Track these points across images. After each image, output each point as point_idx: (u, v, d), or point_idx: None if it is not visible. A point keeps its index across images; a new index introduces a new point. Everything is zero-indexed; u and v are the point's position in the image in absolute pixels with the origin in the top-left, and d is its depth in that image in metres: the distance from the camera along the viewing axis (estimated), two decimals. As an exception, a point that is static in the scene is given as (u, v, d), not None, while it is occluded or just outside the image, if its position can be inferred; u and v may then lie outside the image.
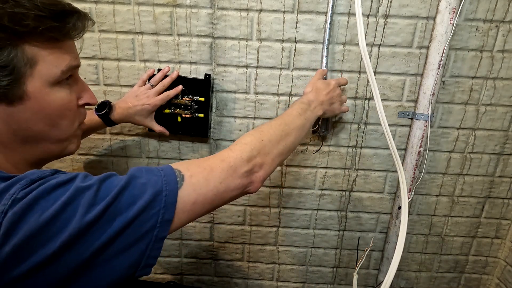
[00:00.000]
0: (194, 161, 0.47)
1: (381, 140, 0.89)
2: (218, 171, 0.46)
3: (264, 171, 0.52)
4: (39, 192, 0.34)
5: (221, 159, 0.48)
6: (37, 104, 0.41)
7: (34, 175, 0.36)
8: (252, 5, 0.79)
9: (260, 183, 0.52)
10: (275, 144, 0.55)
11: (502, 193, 0.93)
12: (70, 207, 0.34)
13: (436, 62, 0.78)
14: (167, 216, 0.39)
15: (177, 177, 0.42)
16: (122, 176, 0.40)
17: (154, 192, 0.39)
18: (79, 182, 0.37)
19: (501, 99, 0.85)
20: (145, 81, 0.80)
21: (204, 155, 0.91)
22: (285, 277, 1.03)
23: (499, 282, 0.99)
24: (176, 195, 0.41)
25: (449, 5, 0.74)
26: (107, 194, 0.36)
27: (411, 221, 0.96)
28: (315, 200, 0.95)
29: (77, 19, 0.43)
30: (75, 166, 0.93)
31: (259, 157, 0.52)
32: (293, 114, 0.62)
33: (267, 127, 0.57)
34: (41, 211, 0.33)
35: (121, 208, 0.36)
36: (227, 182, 0.47)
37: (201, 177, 0.44)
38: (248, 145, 0.52)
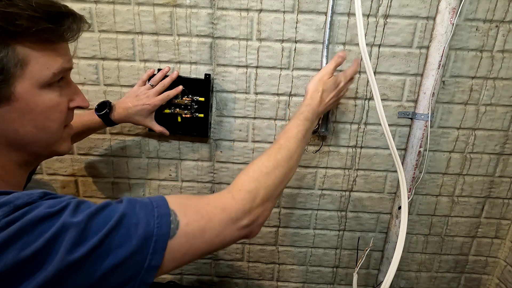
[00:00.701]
0: (193, 204, 0.44)
1: (381, 140, 0.89)
2: (217, 222, 0.43)
3: (264, 217, 0.50)
4: (23, 225, 0.32)
5: (222, 207, 0.45)
6: (24, 105, 0.40)
7: (20, 200, 0.34)
8: (252, 5, 0.79)
9: (260, 229, 0.50)
10: (279, 185, 0.52)
11: (502, 193, 0.93)
12: (52, 245, 0.32)
13: (436, 62, 0.78)
14: (154, 262, 0.37)
15: (171, 222, 0.39)
16: (114, 209, 0.37)
17: (143, 236, 0.36)
18: (67, 216, 0.34)
19: (501, 99, 0.85)
20: (145, 81, 0.80)
21: (204, 155, 0.91)
22: (285, 277, 1.03)
23: (499, 282, 0.99)
24: (166, 242, 0.38)
25: (449, 5, 0.74)
26: (94, 233, 0.34)
27: (411, 221, 0.96)
28: (315, 200, 0.95)
29: (73, 21, 0.42)
30: (75, 166, 0.93)
31: (262, 206, 0.48)
32: (299, 139, 0.58)
33: (273, 166, 0.52)
34: (21, 246, 0.31)
35: (106, 251, 0.34)
36: (224, 234, 0.44)
37: (197, 226, 0.41)
38: (252, 194, 0.48)
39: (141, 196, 0.96)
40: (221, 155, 0.91)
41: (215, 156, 0.92)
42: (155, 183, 0.95)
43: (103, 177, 0.94)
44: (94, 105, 0.76)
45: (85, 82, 0.86)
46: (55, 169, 0.93)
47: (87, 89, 0.86)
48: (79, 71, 0.85)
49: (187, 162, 0.92)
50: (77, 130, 0.74)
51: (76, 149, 0.91)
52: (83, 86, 0.86)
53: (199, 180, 0.94)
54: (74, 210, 0.35)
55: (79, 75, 0.85)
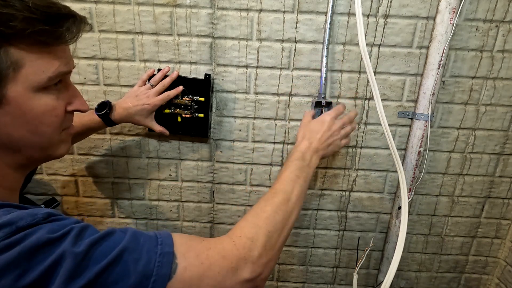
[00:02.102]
0: (194, 246, 0.41)
1: (381, 140, 0.89)
2: (217, 270, 0.40)
3: (269, 268, 0.47)
4: (24, 250, 0.31)
5: (223, 255, 0.42)
6: (18, 109, 0.38)
7: (22, 222, 0.33)
8: (252, 5, 0.79)
9: (264, 283, 0.46)
10: (281, 231, 0.50)
11: (502, 193, 0.93)
12: (50, 275, 0.31)
13: (436, 62, 0.78)
14: None
15: (172, 264, 0.37)
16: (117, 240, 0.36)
17: (142, 274, 0.35)
18: (68, 244, 0.33)
19: (501, 99, 0.85)
20: (145, 81, 0.80)
21: (204, 155, 0.91)
22: (285, 277, 1.03)
23: (499, 282, 0.99)
24: (166, 284, 0.36)
25: (449, 5, 0.74)
26: (93, 266, 0.33)
27: (411, 221, 0.96)
28: (315, 200, 0.95)
29: (72, 23, 0.40)
30: (75, 166, 0.93)
31: (265, 255, 0.45)
32: (292, 179, 0.57)
33: (271, 210, 0.51)
34: (19, 274, 0.30)
35: (104, 285, 0.33)
36: (223, 286, 0.41)
37: (195, 272, 0.39)
38: (254, 241, 0.45)
39: (140, 196, 0.96)
40: (221, 155, 0.91)
41: (215, 156, 0.92)
42: (155, 183, 0.95)
43: (103, 177, 0.94)
44: (94, 105, 0.76)
45: (85, 82, 0.86)
46: (55, 169, 0.93)
47: (87, 89, 0.86)
48: (79, 71, 0.85)
49: (187, 162, 0.92)
50: (77, 130, 0.74)
51: (76, 149, 0.91)
52: (83, 86, 0.86)
53: (199, 180, 0.94)
54: (76, 237, 0.34)
55: (79, 75, 0.85)
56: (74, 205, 0.97)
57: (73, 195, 0.96)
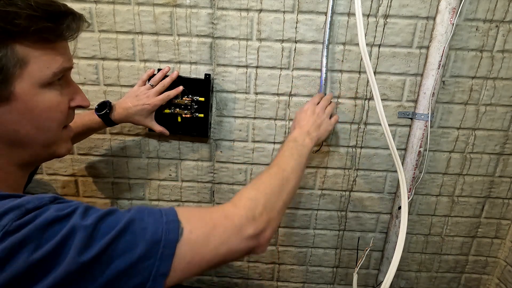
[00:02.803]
0: (197, 212, 0.44)
1: (381, 140, 0.89)
2: (221, 229, 0.42)
3: (272, 228, 0.48)
4: (34, 228, 0.32)
5: (225, 215, 0.44)
6: (24, 105, 0.39)
7: (30, 204, 0.34)
8: (252, 5, 0.79)
9: (268, 242, 0.48)
10: (278, 194, 0.52)
11: (502, 193, 0.93)
12: (62, 248, 0.32)
13: (436, 62, 0.78)
14: (162, 269, 0.36)
15: (178, 229, 0.39)
16: (122, 215, 0.38)
17: (152, 241, 0.36)
18: (77, 219, 0.34)
19: (501, 99, 0.85)
20: (145, 81, 0.80)
21: (204, 155, 0.91)
22: (285, 277, 1.03)
23: (499, 282, 0.99)
24: (175, 248, 0.37)
25: (449, 5, 0.74)
26: (102, 236, 0.34)
27: (411, 221, 0.96)
28: (315, 200, 0.95)
29: (72, 20, 0.41)
30: (75, 166, 0.93)
31: (266, 214, 0.47)
32: (285, 156, 0.60)
33: (267, 178, 0.54)
34: (32, 249, 0.31)
35: (115, 254, 0.34)
36: (230, 244, 0.43)
37: (201, 233, 0.40)
38: (253, 200, 0.48)
39: (140, 196, 0.96)
40: (221, 155, 0.91)
41: (215, 156, 0.92)
42: (155, 183, 0.95)
43: (103, 177, 0.94)
44: (94, 105, 0.76)
45: (85, 82, 0.86)
46: (55, 169, 0.93)
47: (87, 89, 0.86)
48: (79, 71, 0.85)
49: (187, 162, 0.92)
50: (77, 130, 0.74)
51: (76, 149, 0.91)
52: (83, 86, 0.86)
53: (199, 180, 0.94)
54: (83, 213, 0.35)
55: (79, 75, 0.85)
56: (74, 205, 0.97)
57: (73, 195, 0.96)
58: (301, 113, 0.72)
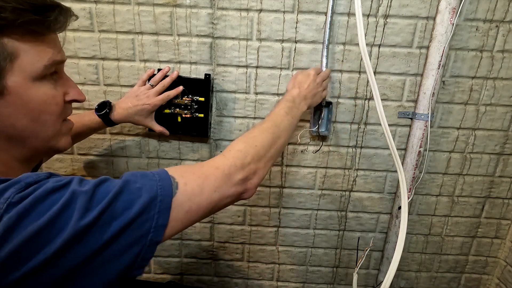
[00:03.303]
0: (188, 168, 0.47)
1: (381, 140, 0.89)
2: (213, 179, 0.46)
3: (258, 177, 0.53)
4: (36, 197, 0.34)
5: (216, 166, 0.48)
6: (19, 99, 0.40)
7: (29, 179, 0.36)
8: (252, 5, 0.79)
9: (255, 189, 0.53)
10: (268, 148, 0.55)
11: (502, 193, 0.93)
12: (66, 212, 0.34)
13: (436, 62, 0.78)
14: (161, 221, 0.39)
15: (171, 184, 0.41)
16: (116, 180, 0.40)
17: (149, 197, 0.38)
18: (75, 186, 0.36)
19: (501, 99, 0.85)
20: (145, 81, 0.80)
21: (204, 155, 0.91)
22: (285, 277, 1.03)
23: (499, 282, 0.99)
24: (171, 200, 0.40)
25: (449, 5, 0.74)
26: (102, 199, 0.36)
27: (411, 221, 0.96)
28: (315, 200, 0.95)
29: (59, 13, 0.41)
30: (75, 166, 0.93)
31: (253, 164, 0.51)
32: (281, 114, 0.63)
33: (259, 132, 0.57)
34: (37, 216, 0.33)
35: (116, 213, 0.36)
36: (222, 190, 0.47)
37: (195, 185, 0.44)
38: (242, 152, 0.51)
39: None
40: (221, 155, 0.91)
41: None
42: (155, 183, 0.94)
43: (103, 177, 0.94)
44: (94, 105, 0.76)
45: (85, 82, 0.86)
46: (55, 169, 0.93)
47: (87, 89, 0.86)
48: (79, 71, 0.85)
49: (187, 162, 0.92)
50: (78, 130, 0.74)
51: (76, 149, 0.91)
52: (83, 86, 0.86)
53: (199, 180, 0.94)
54: (79, 182, 0.37)
55: (79, 75, 0.85)
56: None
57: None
58: (304, 75, 0.74)
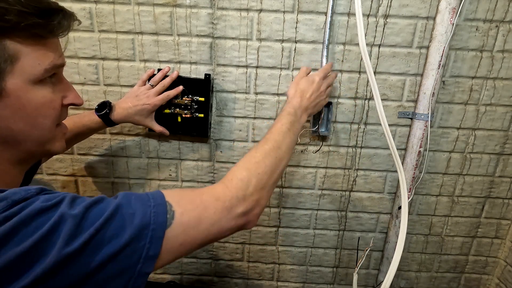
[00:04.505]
0: (187, 194, 0.44)
1: (381, 140, 0.89)
2: (212, 211, 0.43)
3: (261, 206, 0.50)
4: (21, 219, 0.32)
5: (216, 197, 0.45)
6: (17, 102, 0.39)
7: (17, 196, 0.34)
8: (252, 5, 0.79)
9: (257, 219, 0.50)
10: (270, 174, 0.52)
11: (502, 193, 0.93)
12: (50, 238, 0.32)
13: (436, 62, 0.78)
14: (152, 252, 0.37)
15: (167, 212, 0.39)
16: (110, 203, 0.38)
17: (140, 225, 0.36)
18: (64, 207, 0.34)
19: (501, 99, 0.85)
20: (145, 81, 0.80)
21: (204, 155, 0.91)
22: (285, 277, 1.03)
23: (499, 282, 0.99)
24: (164, 230, 0.38)
25: (449, 5, 0.74)
26: (91, 224, 0.34)
27: (411, 221, 0.96)
28: (315, 200, 0.95)
29: (63, 17, 0.41)
30: (75, 166, 0.93)
31: (256, 194, 0.48)
32: (283, 131, 0.59)
33: (261, 156, 0.53)
34: (19, 240, 0.31)
35: (104, 240, 0.34)
36: (221, 224, 0.44)
37: (192, 216, 0.41)
38: (244, 181, 0.48)
39: (141, 196, 0.96)
40: (221, 155, 0.91)
41: (215, 156, 0.92)
42: (155, 183, 0.94)
43: (103, 177, 0.94)
44: (94, 105, 0.76)
45: (85, 82, 0.86)
46: (55, 169, 0.93)
47: (87, 89, 0.86)
48: (79, 71, 0.85)
49: (187, 162, 0.92)
50: (78, 130, 0.74)
51: (76, 149, 0.91)
52: (83, 86, 0.86)
53: (199, 180, 0.94)
54: (70, 203, 0.36)
55: (79, 75, 0.85)
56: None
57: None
58: (308, 82, 0.70)
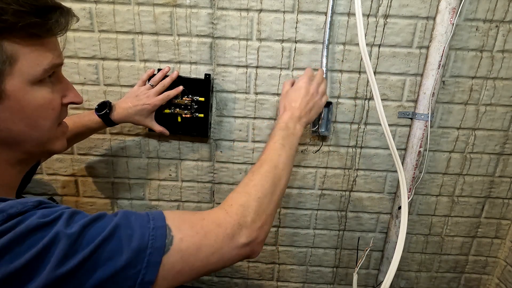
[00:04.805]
0: (188, 217, 0.43)
1: (381, 140, 0.89)
2: (213, 238, 0.41)
3: (265, 232, 0.48)
4: (15, 235, 0.31)
5: (217, 223, 0.43)
6: (16, 103, 0.39)
7: (13, 209, 0.33)
8: (252, 5, 0.79)
9: (261, 247, 0.48)
10: (271, 197, 0.50)
11: (502, 193, 0.93)
12: (43, 257, 0.31)
13: (436, 62, 0.78)
14: (147, 277, 0.35)
15: (166, 237, 0.38)
16: (109, 220, 0.37)
17: (137, 249, 0.35)
18: (61, 226, 0.33)
19: (501, 99, 0.85)
20: (145, 81, 0.80)
21: (204, 155, 0.91)
22: (285, 277, 1.03)
23: (499, 282, 0.99)
24: (162, 255, 0.37)
25: (449, 5, 0.74)
26: (87, 244, 0.33)
27: (411, 221, 0.96)
28: (315, 200, 0.95)
29: (60, 15, 0.40)
30: (75, 166, 0.93)
31: (258, 220, 0.47)
32: (277, 148, 0.57)
33: (259, 179, 0.51)
34: (12, 258, 0.30)
35: (99, 262, 0.33)
36: (222, 253, 0.42)
37: (192, 243, 0.39)
38: (245, 207, 0.47)
39: (140, 196, 0.96)
40: (221, 155, 0.91)
41: (215, 156, 0.92)
42: (155, 183, 0.95)
43: (103, 177, 0.94)
44: (94, 105, 0.76)
45: (85, 82, 0.86)
46: (55, 169, 0.93)
47: (87, 89, 0.86)
48: (79, 71, 0.85)
49: (187, 162, 0.92)
50: (78, 130, 0.74)
51: (76, 149, 0.91)
52: (83, 86, 0.86)
53: (199, 180, 0.94)
54: (68, 220, 0.34)
55: (79, 75, 0.85)
56: (74, 205, 0.97)
57: (73, 195, 0.96)
58: (295, 91, 0.67)
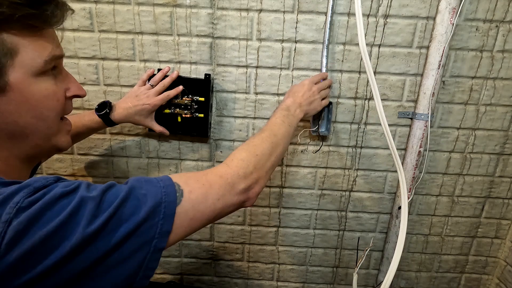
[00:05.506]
0: (192, 175, 0.48)
1: (381, 140, 0.89)
2: (217, 187, 0.47)
3: (260, 185, 0.54)
4: (45, 203, 0.34)
5: (219, 175, 0.49)
6: (21, 95, 0.40)
7: (38, 183, 0.36)
8: (252, 5, 0.79)
9: (256, 197, 0.54)
10: (268, 157, 0.56)
11: (502, 193, 0.93)
12: (74, 218, 0.34)
13: (436, 62, 0.78)
14: (165, 227, 0.40)
15: (176, 192, 0.42)
16: (123, 186, 0.40)
17: (154, 203, 0.39)
18: (83, 191, 0.37)
19: (501, 99, 0.85)
20: (145, 81, 0.80)
21: (204, 155, 0.91)
22: (285, 277, 1.03)
23: (499, 282, 0.99)
24: (175, 207, 0.41)
25: (449, 5, 0.74)
26: (109, 205, 0.37)
27: (411, 221, 0.96)
28: (315, 200, 0.95)
29: (55, 6, 0.41)
30: (75, 166, 0.93)
31: (255, 173, 0.53)
32: (278, 123, 0.64)
33: (259, 141, 0.58)
34: (46, 222, 0.33)
35: (122, 219, 0.37)
36: (225, 199, 0.48)
37: (199, 193, 0.45)
38: (245, 161, 0.53)
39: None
40: (221, 155, 0.91)
41: (215, 156, 0.92)
42: (155, 183, 0.94)
43: (103, 177, 0.94)
44: (94, 105, 0.76)
45: (85, 82, 0.86)
46: (55, 169, 0.93)
47: (87, 89, 0.86)
48: (79, 71, 0.85)
49: (187, 162, 0.92)
50: (78, 130, 0.74)
51: (76, 149, 0.91)
52: (83, 86, 0.85)
53: (199, 180, 0.94)
54: (87, 187, 0.38)
55: (79, 75, 0.85)
56: (74, 205, 0.97)
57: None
58: (299, 86, 0.75)
